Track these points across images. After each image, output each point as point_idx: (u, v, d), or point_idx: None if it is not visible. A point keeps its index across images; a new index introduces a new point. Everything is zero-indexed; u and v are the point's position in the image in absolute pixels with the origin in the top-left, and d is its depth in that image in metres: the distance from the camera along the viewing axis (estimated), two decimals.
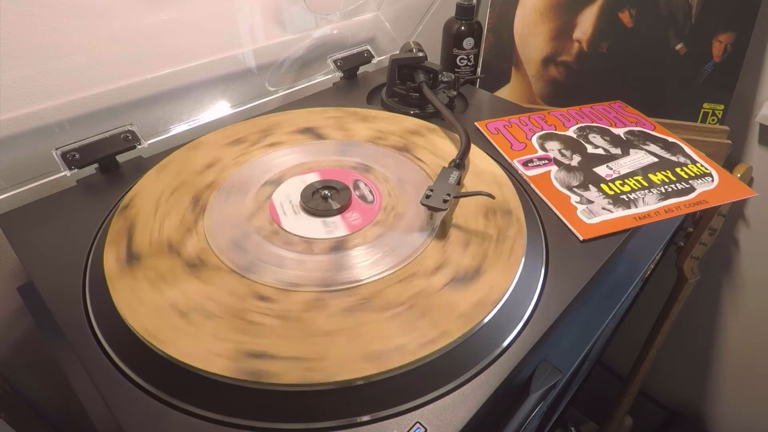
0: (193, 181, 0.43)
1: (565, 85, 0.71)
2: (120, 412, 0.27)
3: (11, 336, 0.53)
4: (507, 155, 0.49)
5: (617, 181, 0.45)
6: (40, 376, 0.57)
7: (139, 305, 0.31)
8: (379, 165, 0.45)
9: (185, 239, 0.37)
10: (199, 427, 0.27)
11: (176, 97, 0.55)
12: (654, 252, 0.49)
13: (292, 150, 0.47)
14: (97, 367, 0.29)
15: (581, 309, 0.42)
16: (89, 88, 0.48)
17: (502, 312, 0.32)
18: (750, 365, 0.97)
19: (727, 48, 0.64)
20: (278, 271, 0.34)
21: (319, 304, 0.32)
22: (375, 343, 0.29)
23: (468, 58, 0.70)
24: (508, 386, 0.30)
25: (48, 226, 0.39)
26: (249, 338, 0.30)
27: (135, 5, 0.48)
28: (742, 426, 1.05)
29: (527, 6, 0.70)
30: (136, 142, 0.47)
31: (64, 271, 0.35)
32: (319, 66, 0.69)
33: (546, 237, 0.39)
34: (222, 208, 0.40)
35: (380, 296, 0.33)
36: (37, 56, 0.44)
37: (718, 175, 0.46)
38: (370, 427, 0.27)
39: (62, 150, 0.44)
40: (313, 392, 0.28)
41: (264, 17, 0.61)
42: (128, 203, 0.40)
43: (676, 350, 1.06)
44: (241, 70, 0.61)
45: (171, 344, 0.29)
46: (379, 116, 0.53)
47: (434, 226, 0.38)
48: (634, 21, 0.66)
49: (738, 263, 0.88)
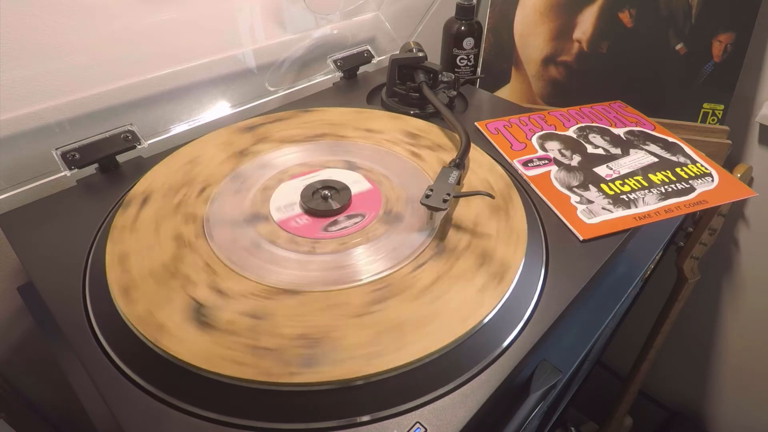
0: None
1: (565, 85, 0.71)
2: (120, 412, 0.27)
3: (11, 336, 0.53)
4: (507, 155, 0.49)
5: (617, 181, 0.45)
6: (40, 376, 0.57)
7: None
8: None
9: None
10: (199, 427, 0.27)
11: (176, 97, 0.55)
12: (654, 252, 0.49)
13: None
14: (97, 367, 0.29)
15: (581, 309, 0.42)
16: (89, 88, 0.48)
17: (502, 312, 0.32)
18: (750, 365, 0.97)
19: (727, 48, 0.64)
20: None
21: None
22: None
23: (468, 58, 0.70)
24: (508, 386, 0.30)
25: (48, 226, 0.39)
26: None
27: (135, 5, 0.48)
28: (742, 426, 1.05)
29: (527, 6, 0.70)
30: (136, 142, 0.47)
31: (64, 271, 0.35)
32: (319, 66, 0.69)
33: (546, 237, 0.39)
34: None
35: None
36: (37, 56, 0.44)
37: (718, 175, 0.46)
38: (370, 427, 0.27)
39: (62, 150, 0.44)
40: (313, 392, 0.28)
41: (264, 17, 0.61)
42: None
43: (676, 350, 1.06)
44: (241, 70, 0.61)
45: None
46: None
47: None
48: (634, 21, 0.66)
49: (738, 263, 0.88)
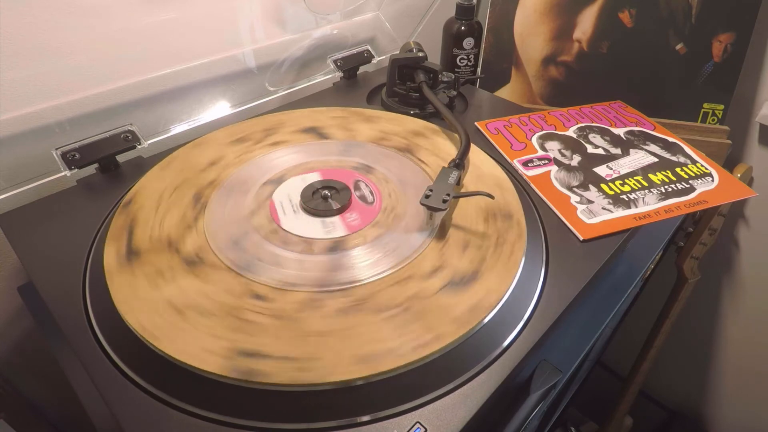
0: (195, 178, 0.43)
1: (565, 85, 0.71)
2: (120, 412, 0.27)
3: (11, 336, 0.53)
4: (507, 155, 0.49)
5: (617, 181, 0.45)
6: (40, 376, 0.57)
7: (136, 301, 0.31)
8: (380, 165, 0.45)
9: (185, 236, 0.37)
10: (199, 427, 0.27)
11: (176, 97, 0.55)
12: (654, 252, 0.49)
13: (293, 149, 0.47)
14: (97, 367, 0.29)
15: (581, 309, 0.42)
16: (89, 88, 0.48)
17: (503, 312, 0.32)
18: (750, 365, 0.97)
19: (727, 48, 0.64)
20: (276, 270, 0.34)
21: (315, 304, 0.32)
22: (369, 344, 0.29)
23: (468, 58, 0.70)
24: (508, 386, 0.30)
25: (48, 226, 0.39)
26: (243, 337, 0.29)
27: (135, 5, 0.48)
28: (742, 426, 1.05)
29: (527, 6, 0.70)
30: (136, 142, 0.47)
31: (64, 271, 0.35)
32: (319, 66, 0.69)
33: (546, 237, 0.39)
34: (222, 206, 0.40)
35: (377, 297, 0.32)
36: (37, 56, 0.44)
37: (718, 175, 0.46)
38: (370, 427, 0.27)
39: (62, 150, 0.44)
40: (313, 392, 0.28)
41: (264, 17, 0.61)
42: (130, 199, 0.40)
43: (676, 350, 1.06)
44: (241, 70, 0.61)
45: (165, 341, 0.29)
46: (380, 116, 0.53)
47: (434, 226, 0.38)
48: (634, 21, 0.66)
49: (738, 263, 0.88)
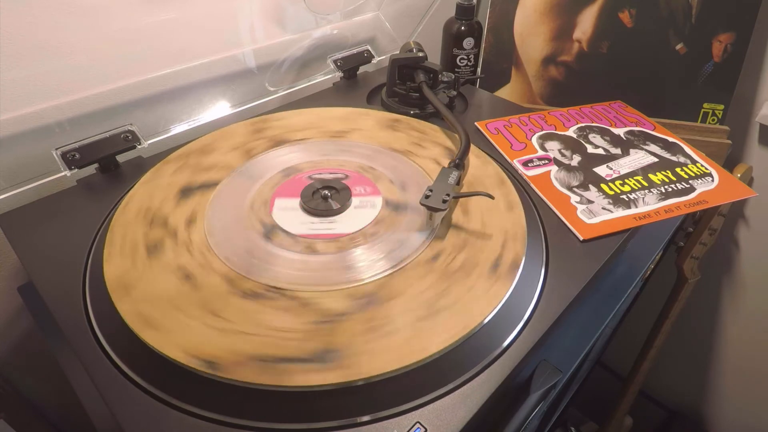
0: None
1: (565, 85, 0.71)
2: (120, 412, 0.27)
3: (11, 336, 0.53)
4: (507, 155, 0.49)
5: (617, 181, 0.45)
6: (40, 376, 0.57)
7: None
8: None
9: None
10: (199, 427, 0.27)
11: (176, 97, 0.55)
12: (654, 252, 0.49)
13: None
14: (97, 367, 0.29)
15: (581, 309, 0.42)
16: (89, 88, 0.48)
17: (502, 312, 0.32)
18: (750, 365, 0.97)
19: (727, 48, 0.64)
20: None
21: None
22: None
23: (468, 58, 0.70)
24: (508, 386, 0.30)
25: (48, 226, 0.39)
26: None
27: (135, 5, 0.48)
28: (742, 426, 1.05)
29: (527, 6, 0.70)
30: (136, 142, 0.47)
31: (64, 271, 0.35)
32: (319, 66, 0.69)
33: (546, 237, 0.39)
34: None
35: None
36: (37, 56, 0.44)
37: (718, 175, 0.46)
38: (370, 427, 0.27)
39: (62, 150, 0.44)
40: (313, 392, 0.28)
41: (264, 17, 0.61)
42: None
43: (676, 350, 1.06)
44: (241, 70, 0.61)
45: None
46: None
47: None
48: (634, 21, 0.66)
49: (738, 263, 0.88)
